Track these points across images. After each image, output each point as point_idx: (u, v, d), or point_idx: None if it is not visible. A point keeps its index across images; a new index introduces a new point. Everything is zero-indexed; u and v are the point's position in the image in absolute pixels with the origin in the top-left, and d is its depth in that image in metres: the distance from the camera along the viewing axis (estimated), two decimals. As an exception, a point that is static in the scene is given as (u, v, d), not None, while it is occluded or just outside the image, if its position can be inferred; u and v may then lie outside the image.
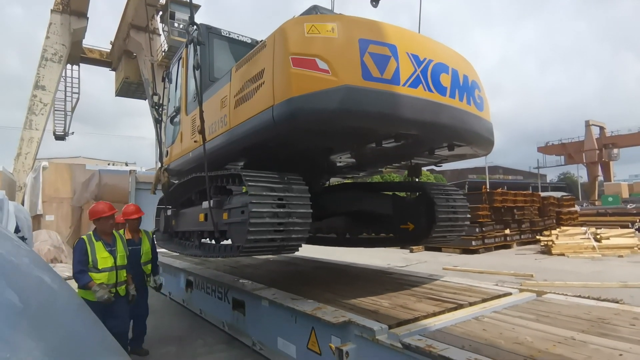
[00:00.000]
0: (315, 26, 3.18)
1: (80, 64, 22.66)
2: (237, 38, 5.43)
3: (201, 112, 3.84)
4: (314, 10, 4.13)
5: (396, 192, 5.91)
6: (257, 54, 3.65)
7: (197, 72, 3.83)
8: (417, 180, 5.20)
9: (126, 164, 35.44)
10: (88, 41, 20.97)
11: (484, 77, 4.27)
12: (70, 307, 1.50)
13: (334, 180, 6.56)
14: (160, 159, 6.43)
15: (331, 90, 3.03)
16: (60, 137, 22.95)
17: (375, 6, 7.21)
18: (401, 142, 3.65)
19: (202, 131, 3.84)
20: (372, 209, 5.40)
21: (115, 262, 4.08)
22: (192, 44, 3.97)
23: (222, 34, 5.29)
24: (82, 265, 3.91)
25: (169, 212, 6.02)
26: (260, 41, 5.64)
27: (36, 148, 17.59)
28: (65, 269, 10.59)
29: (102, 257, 3.98)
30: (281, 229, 3.50)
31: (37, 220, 14.49)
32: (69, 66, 21.44)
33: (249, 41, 5.56)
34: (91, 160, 35.83)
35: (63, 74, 20.06)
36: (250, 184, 3.47)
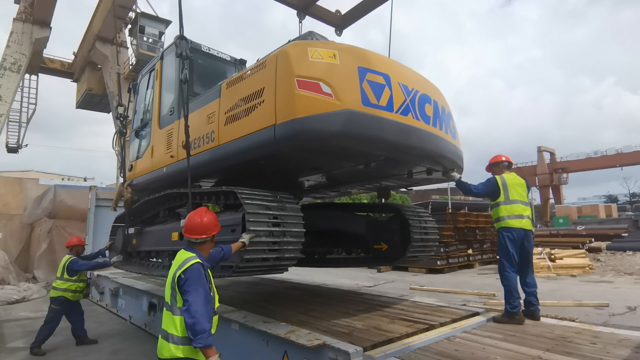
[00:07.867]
0: (318, 51, 3.30)
1: (40, 73, 21.66)
2: (216, 54, 5.49)
3: (186, 126, 3.82)
4: (309, 35, 4.24)
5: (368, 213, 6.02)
6: (255, 73, 3.68)
7: (185, 86, 3.85)
8: (385, 201, 5.38)
9: (85, 179, 33.72)
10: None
11: (455, 96, 4.60)
12: None
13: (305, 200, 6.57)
14: (123, 173, 6.15)
15: (334, 114, 3.14)
16: (12, 150, 21.51)
17: (339, 35, 7.56)
18: (387, 165, 3.78)
19: (187, 146, 3.80)
20: (347, 229, 5.48)
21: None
22: (179, 58, 3.99)
23: (202, 49, 5.34)
24: (210, 307, 2.53)
25: (131, 231, 5.78)
26: (239, 59, 5.76)
27: (-12, 161, 16.50)
28: (13, 292, 9.83)
29: (215, 292, 2.80)
30: (275, 247, 3.48)
31: (-18, 238, 13.44)
32: (27, 76, 20.43)
33: (228, 58, 5.63)
34: (45, 174, 33.82)
35: (20, 84, 19.07)
36: (247, 201, 3.43)
